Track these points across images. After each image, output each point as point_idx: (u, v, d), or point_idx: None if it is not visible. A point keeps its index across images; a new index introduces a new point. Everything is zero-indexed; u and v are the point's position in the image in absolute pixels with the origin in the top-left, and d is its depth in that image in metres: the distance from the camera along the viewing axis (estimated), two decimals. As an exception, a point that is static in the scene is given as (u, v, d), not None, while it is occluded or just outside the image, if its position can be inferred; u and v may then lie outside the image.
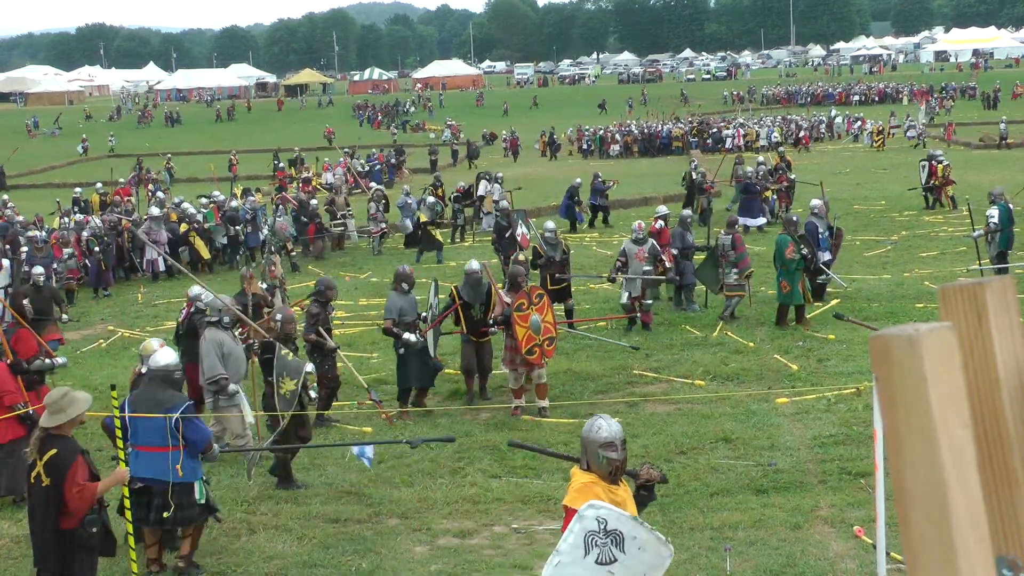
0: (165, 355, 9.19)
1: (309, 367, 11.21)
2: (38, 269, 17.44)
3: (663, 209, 20.14)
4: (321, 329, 12.96)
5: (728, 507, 9.75)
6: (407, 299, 13.62)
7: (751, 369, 14.40)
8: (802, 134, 51.82)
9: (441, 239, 25.98)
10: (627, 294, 16.75)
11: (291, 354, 10.88)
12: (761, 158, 32.38)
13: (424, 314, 13.81)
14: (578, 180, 30.22)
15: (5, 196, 31.86)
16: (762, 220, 26.55)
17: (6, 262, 19.97)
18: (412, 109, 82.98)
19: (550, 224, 18.69)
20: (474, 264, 14.28)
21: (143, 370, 9.78)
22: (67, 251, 22.62)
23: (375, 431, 12.69)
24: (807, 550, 8.80)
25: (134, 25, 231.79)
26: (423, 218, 25.85)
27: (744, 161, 32.22)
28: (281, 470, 10.92)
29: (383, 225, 27.44)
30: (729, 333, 16.37)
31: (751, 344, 15.66)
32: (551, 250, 17.60)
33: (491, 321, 13.44)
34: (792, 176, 28.99)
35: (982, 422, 1.29)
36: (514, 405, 13.01)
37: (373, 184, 33.15)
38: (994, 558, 1.24)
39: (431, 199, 26.99)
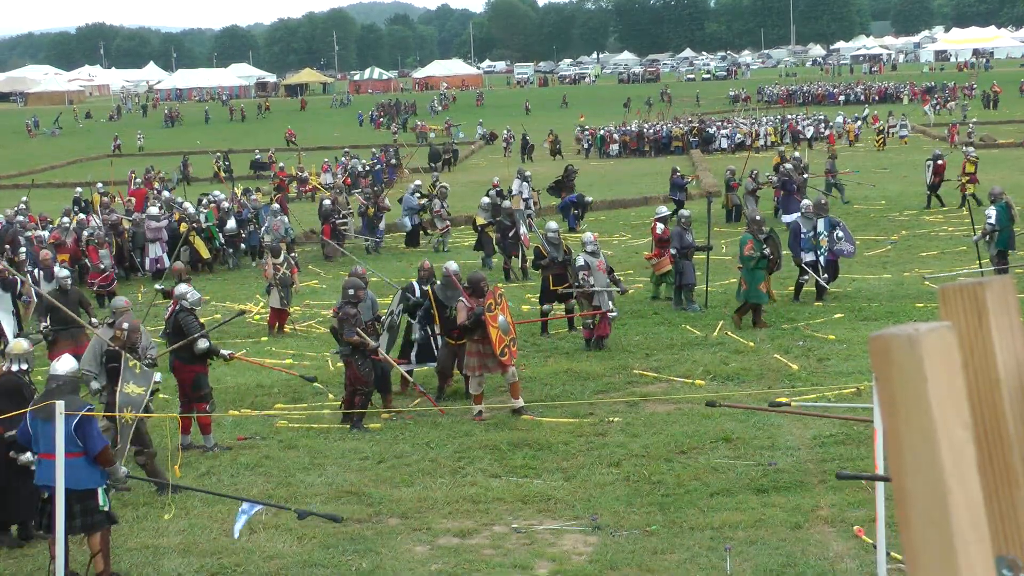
0: (65, 363, 9.21)
1: (158, 377, 11.14)
2: (63, 272, 16.20)
3: (663, 210, 20.11)
4: (360, 330, 12.93)
5: (728, 507, 9.75)
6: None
7: (751, 369, 14.40)
8: (827, 133, 50.77)
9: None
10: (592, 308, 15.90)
11: (138, 365, 10.77)
12: (797, 154, 32.23)
13: (384, 318, 13.86)
14: (589, 199, 30.19)
15: (25, 198, 31.85)
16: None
17: (59, 270, 18.53)
18: (439, 109, 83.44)
19: (553, 224, 18.68)
20: (452, 265, 14.33)
21: (12, 368, 9.94)
22: (102, 252, 22.35)
23: (381, 428, 12.70)
24: (807, 550, 8.80)
25: (134, 25, 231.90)
26: (480, 220, 25.09)
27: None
28: (151, 473, 10.88)
29: (447, 223, 27.10)
30: (729, 333, 16.37)
31: (751, 344, 15.66)
32: (554, 250, 17.56)
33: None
34: (806, 176, 28.77)
35: (982, 422, 1.29)
36: (476, 410, 12.93)
37: (418, 181, 32.28)
38: (994, 558, 1.24)
39: (485, 200, 25.80)
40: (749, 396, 13.04)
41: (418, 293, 14.43)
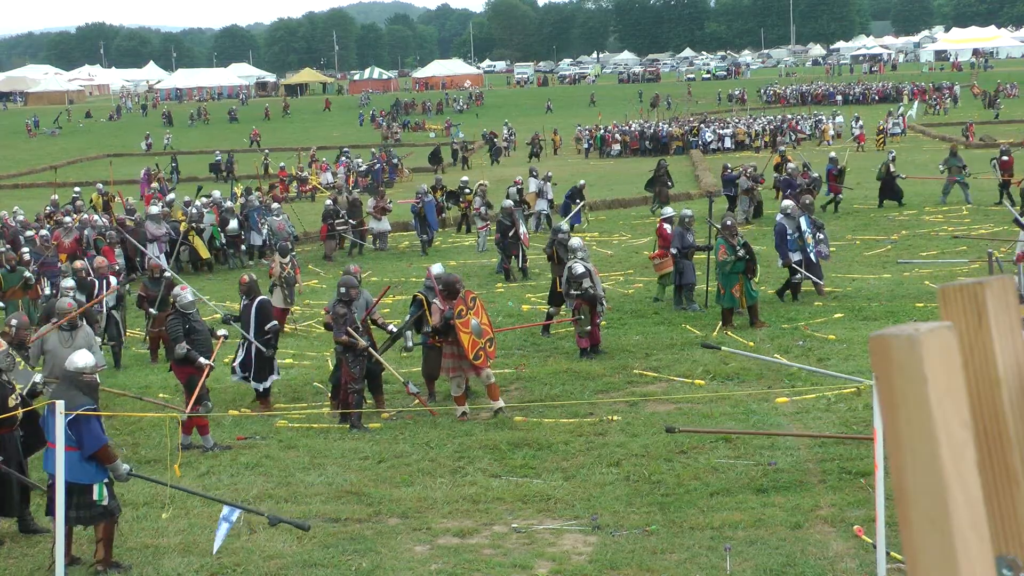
0: (82, 357, 9.33)
1: (37, 377, 11.09)
2: (68, 282, 15.22)
3: (669, 211, 20.06)
4: (351, 329, 12.93)
5: (728, 507, 9.76)
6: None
7: (751, 369, 14.39)
8: (856, 132, 49.13)
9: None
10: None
11: (23, 362, 10.69)
12: (834, 154, 31.93)
13: (391, 326, 13.88)
14: (582, 182, 30.08)
15: (55, 196, 31.84)
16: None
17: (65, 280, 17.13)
18: (465, 107, 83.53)
19: (564, 226, 18.66)
20: (437, 267, 14.35)
21: None
22: (117, 251, 22.14)
23: (379, 429, 12.70)
24: (807, 550, 8.80)
25: (134, 24, 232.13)
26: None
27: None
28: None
29: (487, 222, 26.84)
30: (729, 333, 16.37)
31: (751, 344, 15.66)
32: (562, 252, 17.51)
33: (429, 330, 13.50)
34: (815, 175, 28.60)
35: (982, 422, 1.29)
36: (460, 412, 12.95)
37: (482, 180, 31.26)
38: (994, 558, 1.24)
39: (507, 202, 24.47)
40: (749, 396, 13.05)
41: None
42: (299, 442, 12.39)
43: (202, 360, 12.66)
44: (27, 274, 18.83)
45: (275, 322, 14.23)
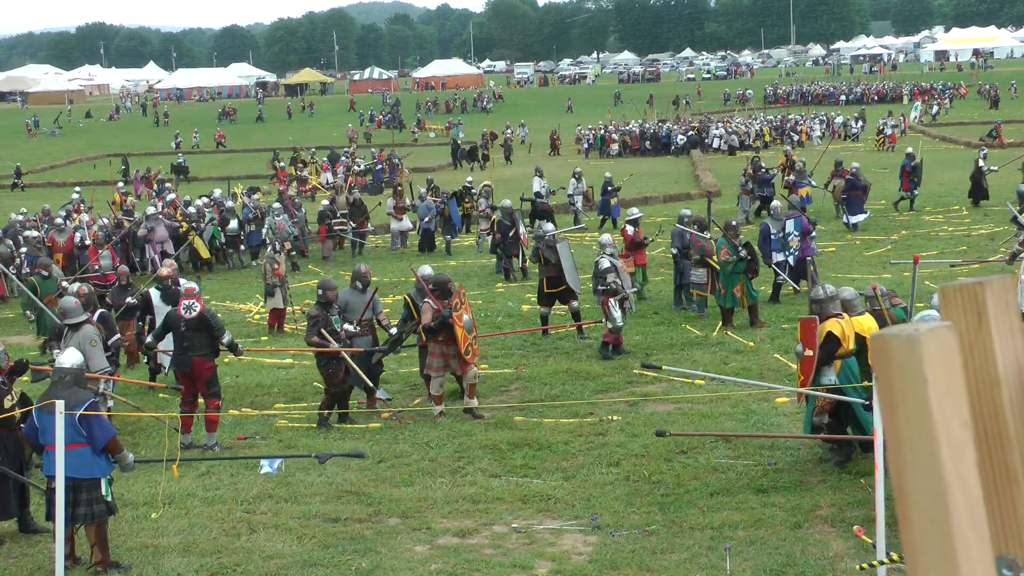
0: (69, 356, 9.40)
1: None
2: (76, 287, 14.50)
3: (635, 211, 20.12)
4: (324, 331, 12.93)
5: (728, 507, 9.76)
6: (359, 297, 13.87)
7: (751, 369, 14.39)
8: (888, 132, 47.47)
9: None
10: (620, 314, 15.40)
11: None
12: (911, 148, 31.72)
13: (393, 328, 13.92)
14: (608, 174, 30.06)
15: (76, 194, 31.81)
16: (863, 215, 26.28)
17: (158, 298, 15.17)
18: (490, 106, 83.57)
19: (549, 226, 18.67)
20: (426, 269, 14.37)
21: None
22: (102, 252, 21.97)
23: (379, 429, 12.70)
24: (807, 550, 8.80)
25: (134, 24, 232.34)
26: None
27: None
28: None
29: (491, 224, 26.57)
30: (729, 333, 16.37)
31: (751, 344, 15.66)
32: (549, 253, 17.46)
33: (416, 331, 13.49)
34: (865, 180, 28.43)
35: (982, 422, 1.29)
36: (437, 411, 12.97)
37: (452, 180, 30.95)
38: (994, 558, 1.24)
39: (507, 202, 24.19)
40: (749, 396, 13.05)
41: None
42: (299, 442, 12.38)
43: (240, 347, 12.99)
44: (64, 283, 18.52)
45: (119, 335, 13.77)
